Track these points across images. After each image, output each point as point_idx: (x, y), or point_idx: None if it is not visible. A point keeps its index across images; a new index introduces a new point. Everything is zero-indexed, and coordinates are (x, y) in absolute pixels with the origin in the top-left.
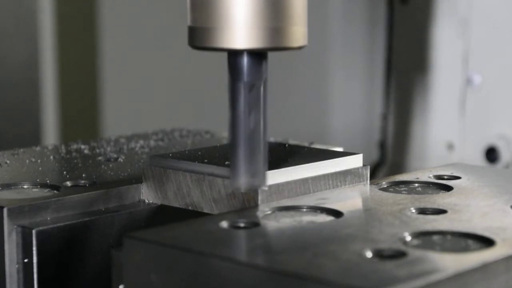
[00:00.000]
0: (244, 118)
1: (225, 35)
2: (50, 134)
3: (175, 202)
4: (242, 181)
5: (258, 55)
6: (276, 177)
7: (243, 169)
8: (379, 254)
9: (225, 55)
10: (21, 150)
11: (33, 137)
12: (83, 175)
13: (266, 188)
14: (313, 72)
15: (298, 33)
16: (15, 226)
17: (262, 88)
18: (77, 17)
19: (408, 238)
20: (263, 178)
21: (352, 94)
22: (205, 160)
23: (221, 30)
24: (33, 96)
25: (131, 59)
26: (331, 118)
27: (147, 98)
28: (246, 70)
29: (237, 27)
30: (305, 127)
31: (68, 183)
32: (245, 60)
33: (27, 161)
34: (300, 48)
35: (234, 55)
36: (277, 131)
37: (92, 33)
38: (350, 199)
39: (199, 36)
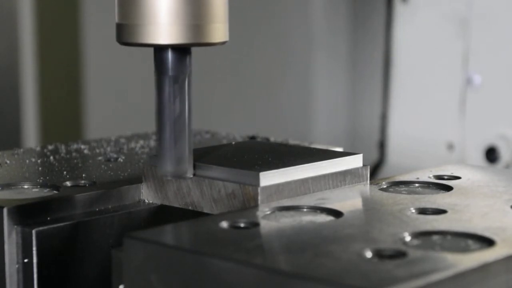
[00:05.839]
0: (169, 110)
1: (151, 31)
2: (31, 134)
3: (175, 202)
4: (168, 169)
5: (182, 50)
6: (276, 177)
7: (168, 158)
8: (379, 254)
9: (151, 50)
10: (21, 150)
11: (13, 137)
12: (83, 175)
13: (191, 176)
14: (299, 74)
15: (219, 30)
16: (15, 226)
17: (186, 81)
18: (58, 15)
19: (408, 238)
20: (189, 166)
21: (337, 96)
22: (205, 160)
23: (146, 27)
24: (13, 96)
25: (121, 57)
26: (327, 119)
27: (144, 98)
28: (171, 65)
29: (161, 24)
30: (292, 128)
31: (68, 183)
32: (169, 55)
33: (27, 161)
34: (221, 43)
35: (159, 50)
36: (275, 133)
37: (75, 30)
38: (350, 199)
39: (126, 33)
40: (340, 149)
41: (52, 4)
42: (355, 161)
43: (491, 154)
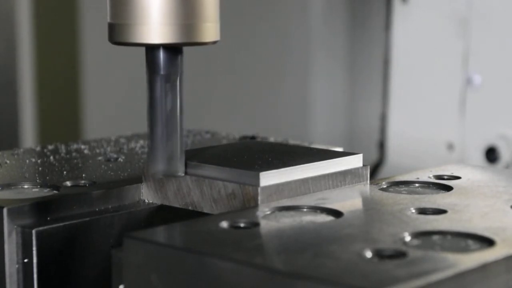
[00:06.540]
0: (161, 109)
1: (143, 31)
2: (29, 134)
3: (175, 202)
4: (159, 168)
5: (173, 50)
6: (276, 177)
7: (160, 157)
8: (379, 254)
9: (143, 50)
10: (21, 150)
11: (11, 137)
12: (83, 175)
13: (182, 175)
14: (297, 76)
15: (210, 29)
16: (15, 226)
17: (178, 80)
18: (56, 14)
19: (408, 238)
20: (180, 165)
21: (336, 96)
22: (205, 160)
23: (138, 26)
24: (11, 96)
25: (120, 57)
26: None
27: (144, 97)
28: (163, 64)
29: (153, 24)
30: (288, 128)
31: (68, 183)
32: (161, 54)
33: (27, 161)
34: (213, 43)
35: (151, 49)
36: (275, 133)
37: (73, 30)
38: (350, 199)
39: (118, 32)
40: (340, 149)
41: (50, 4)
42: (355, 161)
43: (491, 154)
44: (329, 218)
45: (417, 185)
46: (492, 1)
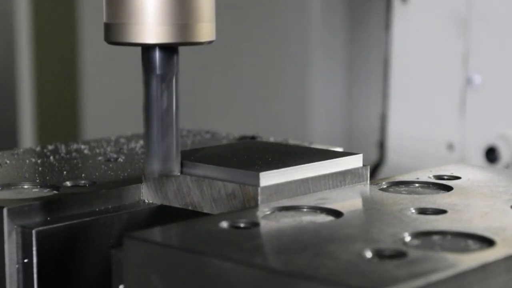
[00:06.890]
0: (157, 109)
1: (138, 30)
2: (27, 134)
3: (175, 202)
4: (156, 168)
5: (169, 50)
6: (276, 177)
7: (155, 156)
8: (379, 254)
9: (139, 50)
10: (21, 150)
11: (10, 137)
12: (83, 175)
13: (178, 174)
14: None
15: (205, 29)
16: (15, 226)
17: (173, 80)
18: (55, 15)
19: (408, 238)
20: (176, 164)
21: (335, 96)
22: (205, 160)
23: (133, 26)
24: (10, 96)
25: (120, 57)
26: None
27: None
28: (158, 64)
29: (148, 24)
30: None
31: (68, 183)
32: (157, 54)
33: (27, 161)
34: (208, 43)
35: (147, 49)
36: (275, 133)
37: (72, 30)
38: (350, 199)
39: (114, 32)
40: (340, 149)
41: (48, 4)
42: (355, 161)
43: (491, 154)
44: (329, 218)
45: (417, 185)
46: (492, 1)
